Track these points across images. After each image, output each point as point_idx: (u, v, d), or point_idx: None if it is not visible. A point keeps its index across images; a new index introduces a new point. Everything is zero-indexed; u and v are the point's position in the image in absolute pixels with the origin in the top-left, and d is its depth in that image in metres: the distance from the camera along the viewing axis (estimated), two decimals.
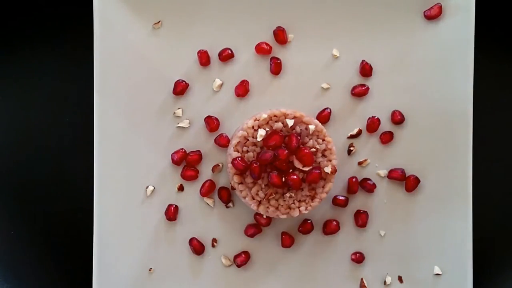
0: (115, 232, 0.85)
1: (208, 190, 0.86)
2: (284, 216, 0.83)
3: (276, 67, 0.86)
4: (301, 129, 0.82)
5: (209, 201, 0.87)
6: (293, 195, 0.82)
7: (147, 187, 0.86)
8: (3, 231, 0.92)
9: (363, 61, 0.86)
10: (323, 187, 0.83)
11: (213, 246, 0.87)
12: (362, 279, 0.87)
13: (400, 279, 0.87)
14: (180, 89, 0.86)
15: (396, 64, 0.87)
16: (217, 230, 0.87)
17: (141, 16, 0.85)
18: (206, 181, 0.87)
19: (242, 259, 0.86)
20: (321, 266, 0.87)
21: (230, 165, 0.82)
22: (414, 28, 0.86)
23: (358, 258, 0.87)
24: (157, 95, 0.86)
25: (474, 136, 0.86)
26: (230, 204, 0.87)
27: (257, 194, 0.82)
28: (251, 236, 0.86)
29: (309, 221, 0.87)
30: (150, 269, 0.86)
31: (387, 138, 0.87)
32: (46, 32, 0.93)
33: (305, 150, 0.81)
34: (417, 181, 0.86)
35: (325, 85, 0.87)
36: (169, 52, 0.86)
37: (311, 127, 0.82)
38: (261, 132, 0.81)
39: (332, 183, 0.83)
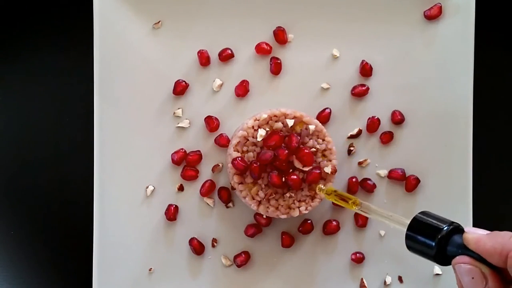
0: (115, 232, 0.85)
1: (208, 190, 0.86)
2: (284, 216, 0.83)
3: (276, 67, 0.86)
4: (301, 129, 0.82)
5: (209, 201, 0.87)
6: (293, 195, 0.82)
7: (147, 187, 0.86)
8: (3, 231, 0.92)
9: (363, 61, 0.86)
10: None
11: (213, 246, 0.87)
12: (362, 279, 0.87)
13: (400, 279, 0.87)
14: (180, 89, 0.86)
15: (396, 64, 0.87)
16: (217, 230, 0.87)
17: (141, 16, 0.85)
18: (206, 181, 0.87)
19: (242, 259, 0.86)
20: (321, 266, 0.87)
21: (230, 165, 0.82)
22: (414, 28, 0.86)
23: (358, 258, 0.87)
24: (157, 95, 0.86)
25: (474, 136, 0.85)
26: (230, 204, 0.87)
27: (257, 194, 0.82)
28: (251, 236, 0.86)
29: (309, 221, 0.87)
30: (150, 269, 0.86)
31: (387, 138, 0.87)
32: (46, 32, 0.93)
33: (305, 150, 0.81)
34: (417, 181, 0.86)
35: (325, 85, 0.87)
36: (169, 52, 0.86)
37: (311, 127, 0.82)
38: (261, 132, 0.81)
39: (332, 183, 0.83)
